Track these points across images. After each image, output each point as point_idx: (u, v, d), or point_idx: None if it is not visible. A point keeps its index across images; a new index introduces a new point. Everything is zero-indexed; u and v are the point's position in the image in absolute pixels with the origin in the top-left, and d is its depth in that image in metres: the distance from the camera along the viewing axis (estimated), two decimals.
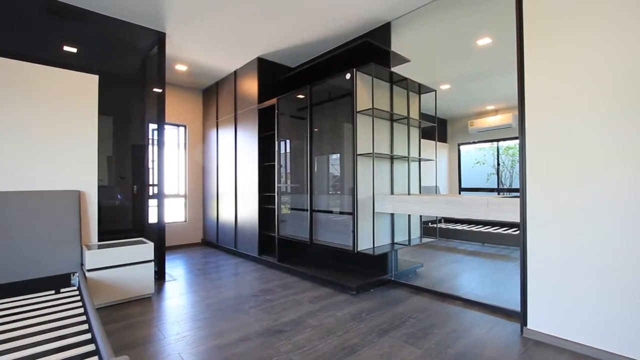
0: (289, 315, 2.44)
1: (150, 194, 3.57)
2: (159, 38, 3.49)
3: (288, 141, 3.81)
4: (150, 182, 3.59)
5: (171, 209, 5.17)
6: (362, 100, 2.89)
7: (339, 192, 3.23)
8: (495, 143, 2.86)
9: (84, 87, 2.86)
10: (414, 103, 3.31)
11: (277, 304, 2.68)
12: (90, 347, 1.51)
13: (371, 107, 2.88)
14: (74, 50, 3.22)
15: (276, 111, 3.76)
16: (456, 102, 3.07)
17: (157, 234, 3.44)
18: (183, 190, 5.32)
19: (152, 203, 3.55)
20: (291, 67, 4.43)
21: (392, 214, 3.18)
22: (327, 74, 3.84)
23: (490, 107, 2.82)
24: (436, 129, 3.17)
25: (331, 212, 3.26)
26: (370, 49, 3.16)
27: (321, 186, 3.37)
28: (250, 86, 4.20)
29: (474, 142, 2.98)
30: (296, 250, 4.02)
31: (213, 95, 5.15)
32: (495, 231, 3.04)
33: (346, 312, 2.49)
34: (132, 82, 3.57)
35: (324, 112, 3.33)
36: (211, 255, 4.58)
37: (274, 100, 3.78)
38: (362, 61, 3.40)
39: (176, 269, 3.82)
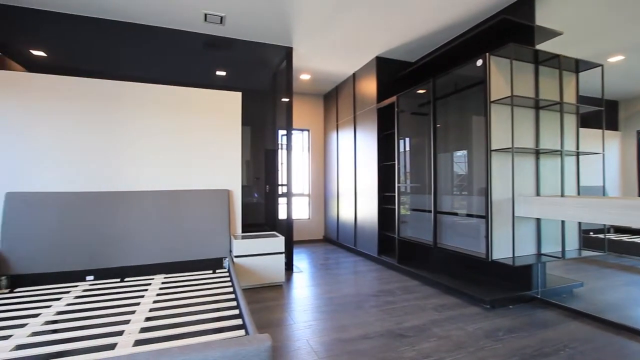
0: (411, 320, 2.33)
1: (280, 193, 3.99)
2: (287, 52, 3.87)
3: (408, 139, 3.67)
4: (280, 182, 4.02)
5: (297, 207, 5.67)
6: (498, 87, 2.53)
7: (465, 193, 2.91)
8: None
9: (231, 103, 3.40)
10: (569, 84, 2.71)
11: (399, 307, 2.59)
12: (238, 322, 1.76)
13: (510, 94, 2.49)
14: (224, 73, 3.88)
15: (396, 109, 3.66)
16: (634, 77, 2.36)
17: (286, 229, 3.81)
18: (307, 190, 5.76)
19: (281, 201, 3.96)
20: (411, 62, 4.25)
21: (538, 220, 2.67)
22: (453, 64, 3.52)
23: None
24: (603, 113, 2.51)
25: (456, 214, 2.97)
26: (507, 28, 2.74)
27: (445, 186, 3.11)
28: (369, 86, 4.22)
29: None
30: (417, 252, 3.82)
31: (333, 99, 5.41)
32: None
33: (478, 327, 2.21)
34: (265, 94, 4.07)
35: (448, 106, 3.07)
36: (332, 252, 4.80)
37: (393, 99, 3.70)
38: (495, 43, 2.99)
39: (301, 262, 4.15)
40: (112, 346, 1.51)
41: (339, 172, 5.12)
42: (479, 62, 2.58)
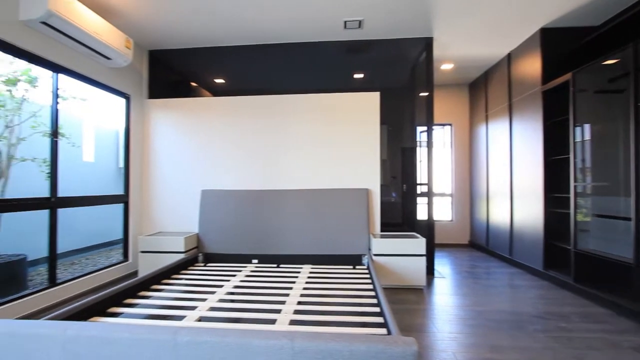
0: (598, 357, 1.81)
1: (418, 192, 3.81)
2: (427, 44, 3.65)
3: (588, 126, 2.88)
4: (419, 182, 3.83)
5: (438, 208, 5.29)
6: None
7: None
8: None
9: (370, 103, 3.46)
10: None
11: (577, 337, 2.06)
12: (379, 319, 1.75)
13: None
14: (361, 75, 3.99)
15: (571, 88, 2.93)
16: None
17: (426, 231, 3.60)
18: (449, 189, 5.31)
19: (420, 201, 3.77)
20: (595, 26, 3.32)
21: None
22: None
23: None
24: None
25: None
26: None
27: None
28: (531, 66, 3.54)
29: None
30: (606, 271, 2.95)
31: (481, 87, 4.80)
32: None
33: None
34: (403, 90, 3.97)
35: None
36: (480, 259, 4.26)
37: (567, 76, 2.97)
38: None
39: (443, 267, 3.84)
40: (272, 321, 1.75)
41: (489, 169, 4.50)
42: None
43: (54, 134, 2.68)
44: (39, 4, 2.27)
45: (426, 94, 3.68)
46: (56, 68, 2.68)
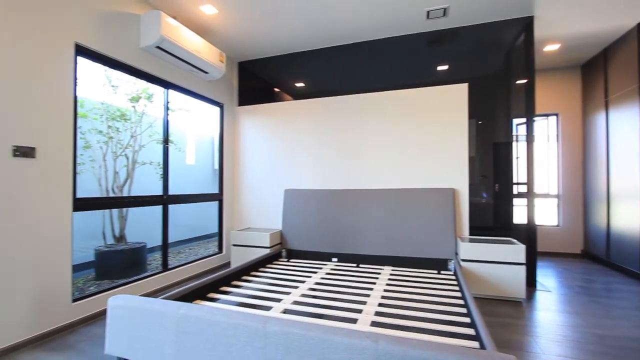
0: None
1: (515, 192, 3.37)
2: (526, 24, 3.22)
3: None
4: (515, 181, 3.39)
5: (539, 210, 4.62)
6: None
7: None
8: None
9: (456, 97, 3.20)
10: None
11: None
12: (470, 331, 1.59)
13: None
14: (446, 67, 3.71)
15: None
16: None
17: (526, 237, 3.17)
18: (554, 190, 4.59)
19: (516, 202, 3.33)
20: None
21: None
22: None
23: None
24: None
25: None
26: None
27: None
28: None
29: None
30: None
31: (597, 68, 4.03)
32: None
33: None
34: (495, 80, 3.55)
35: None
36: (597, 273, 3.57)
37: None
38: None
39: (548, 279, 3.33)
40: (354, 320, 1.74)
41: (611, 165, 3.75)
42: None
43: (166, 141, 3.13)
44: (154, 31, 2.68)
45: (525, 81, 3.25)
46: (166, 85, 3.13)
